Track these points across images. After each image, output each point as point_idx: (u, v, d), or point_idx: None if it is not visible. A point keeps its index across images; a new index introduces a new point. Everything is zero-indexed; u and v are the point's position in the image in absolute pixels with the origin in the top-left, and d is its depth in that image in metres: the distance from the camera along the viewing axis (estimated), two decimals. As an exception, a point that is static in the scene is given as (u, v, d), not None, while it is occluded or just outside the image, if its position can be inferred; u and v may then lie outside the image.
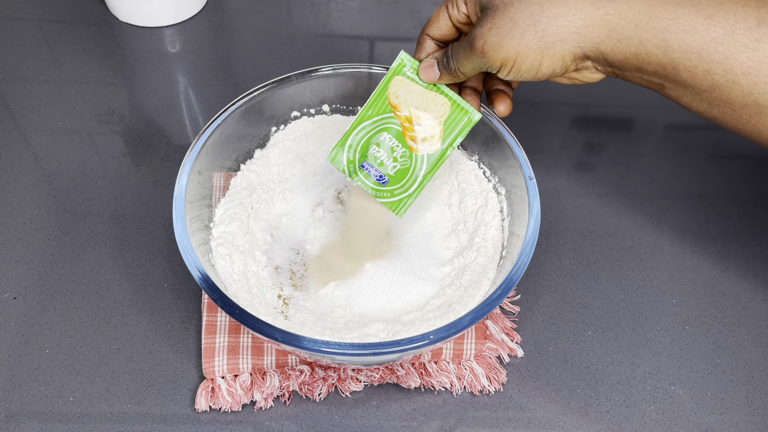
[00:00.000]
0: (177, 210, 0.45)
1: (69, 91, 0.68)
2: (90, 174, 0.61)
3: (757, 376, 0.51)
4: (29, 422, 0.47)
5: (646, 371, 0.51)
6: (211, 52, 0.72)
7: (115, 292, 0.54)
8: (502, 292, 0.42)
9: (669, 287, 0.56)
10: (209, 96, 0.68)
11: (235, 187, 0.53)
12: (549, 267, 0.57)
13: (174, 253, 0.56)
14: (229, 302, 0.41)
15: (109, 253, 0.56)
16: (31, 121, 0.65)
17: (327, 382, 0.48)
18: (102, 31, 0.74)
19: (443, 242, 0.53)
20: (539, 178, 0.48)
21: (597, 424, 0.48)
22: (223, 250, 0.48)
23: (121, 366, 0.50)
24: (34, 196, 0.59)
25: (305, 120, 0.56)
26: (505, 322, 0.52)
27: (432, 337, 0.40)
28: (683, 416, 0.49)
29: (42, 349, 0.50)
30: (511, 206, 0.50)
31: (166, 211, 0.59)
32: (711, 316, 0.54)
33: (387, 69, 0.54)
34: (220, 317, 0.50)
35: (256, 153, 0.55)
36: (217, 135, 0.50)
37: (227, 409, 0.48)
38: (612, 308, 0.54)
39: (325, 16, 0.77)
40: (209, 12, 0.76)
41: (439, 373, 0.49)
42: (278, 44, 0.74)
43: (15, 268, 0.55)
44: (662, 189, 0.63)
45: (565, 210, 0.60)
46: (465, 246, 0.51)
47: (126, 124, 0.65)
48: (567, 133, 0.67)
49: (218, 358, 0.48)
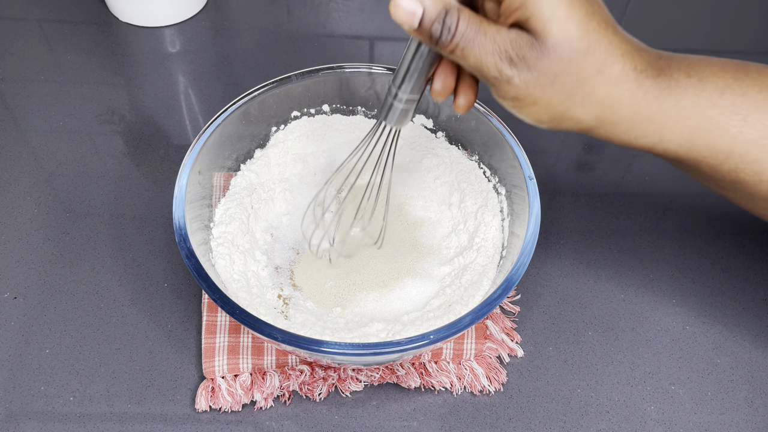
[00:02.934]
0: (177, 210, 0.45)
1: (69, 91, 0.68)
2: (90, 174, 0.61)
3: (757, 376, 0.51)
4: (29, 422, 0.47)
5: (646, 371, 0.51)
6: (211, 52, 0.72)
7: (115, 292, 0.54)
8: (502, 292, 0.42)
9: (669, 287, 0.56)
10: (209, 96, 0.68)
11: (235, 187, 0.53)
12: (549, 267, 0.57)
13: (174, 253, 0.56)
14: (229, 302, 0.41)
15: (109, 253, 0.56)
16: (31, 121, 0.65)
17: (327, 382, 0.48)
18: (102, 31, 0.74)
19: (443, 242, 0.53)
20: (539, 178, 0.48)
21: (597, 424, 0.48)
22: (223, 250, 0.48)
23: (121, 366, 0.50)
24: (34, 196, 0.59)
25: (305, 120, 0.56)
26: (505, 322, 0.52)
27: (432, 337, 0.40)
28: (683, 416, 0.49)
29: (42, 349, 0.50)
30: (511, 206, 0.50)
31: (166, 211, 0.59)
32: (711, 316, 0.54)
33: (388, 69, 0.54)
34: (220, 317, 0.50)
35: (256, 153, 0.55)
36: (217, 135, 0.50)
37: (227, 409, 0.48)
38: (612, 308, 0.54)
39: (325, 16, 0.77)
40: (209, 12, 0.76)
41: (439, 373, 0.49)
42: (278, 44, 0.74)
43: (15, 268, 0.55)
44: (662, 189, 0.63)
45: (565, 210, 0.60)
46: (465, 246, 0.51)
47: (126, 124, 0.65)
48: (567, 133, 0.67)
49: (218, 358, 0.48)
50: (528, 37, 0.34)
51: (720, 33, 0.78)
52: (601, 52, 0.34)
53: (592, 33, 0.34)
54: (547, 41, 0.33)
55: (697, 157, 0.37)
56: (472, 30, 0.34)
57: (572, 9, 0.33)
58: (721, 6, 0.80)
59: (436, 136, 0.56)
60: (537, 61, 0.34)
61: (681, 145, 0.36)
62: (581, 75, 0.34)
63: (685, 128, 0.36)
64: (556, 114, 0.36)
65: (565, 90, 0.34)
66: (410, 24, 0.34)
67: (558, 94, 0.35)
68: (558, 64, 0.34)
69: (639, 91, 0.35)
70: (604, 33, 0.34)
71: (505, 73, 0.34)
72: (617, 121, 0.36)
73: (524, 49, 0.34)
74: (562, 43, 0.33)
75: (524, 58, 0.34)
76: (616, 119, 0.36)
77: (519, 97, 0.35)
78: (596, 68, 0.34)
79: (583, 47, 0.34)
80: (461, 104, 0.40)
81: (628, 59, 0.35)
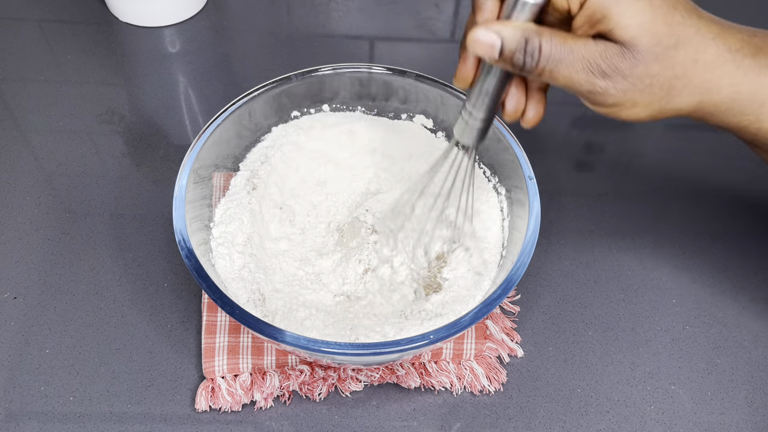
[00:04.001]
0: (177, 210, 0.45)
1: (69, 91, 0.68)
2: (90, 174, 0.61)
3: (757, 376, 0.51)
4: (29, 422, 0.47)
5: (646, 371, 0.51)
6: (211, 52, 0.72)
7: (115, 292, 0.54)
8: (502, 292, 0.42)
9: (669, 287, 0.56)
10: (209, 96, 0.68)
11: (235, 187, 0.53)
12: (549, 267, 0.57)
13: (174, 253, 0.56)
14: (229, 302, 0.41)
15: (109, 253, 0.56)
16: (31, 121, 0.65)
17: (327, 382, 0.48)
18: (102, 31, 0.74)
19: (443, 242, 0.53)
20: (539, 178, 0.48)
21: (597, 424, 0.48)
22: (223, 250, 0.48)
23: (121, 366, 0.50)
24: (34, 196, 0.59)
25: (305, 120, 0.56)
26: (505, 322, 0.52)
27: (432, 337, 0.40)
28: (683, 416, 0.49)
29: (42, 349, 0.50)
30: (511, 206, 0.50)
31: (166, 211, 0.58)
32: (711, 316, 0.54)
33: (388, 69, 0.54)
34: (220, 317, 0.50)
35: (257, 153, 0.55)
36: (217, 135, 0.50)
37: (227, 409, 0.48)
38: (612, 308, 0.54)
39: (325, 16, 0.77)
40: (209, 12, 0.76)
41: (439, 373, 0.49)
42: (278, 44, 0.74)
43: (15, 268, 0.55)
44: (662, 189, 0.63)
45: (565, 210, 0.60)
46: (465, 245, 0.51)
47: (126, 124, 0.65)
48: (567, 133, 0.67)
49: (218, 358, 0.48)
50: (616, 47, 0.34)
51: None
52: (691, 42, 0.34)
53: (677, 26, 0.34)
54: (638, 48, 0.33)
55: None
56: (557, 50, 0.34)
57: (654, 10, 0.33)
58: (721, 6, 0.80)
59: (436, 136, 0.56)
60: (632, 69, 0.34)
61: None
62: (677, 69, 0.34)
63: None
64: (656, 109, 0.36)
65: (665, 87, 0.34)
66: (491, 56, 0.34)
67: (658, 91, 0.35)
68: (653, 66, 0.34)
69: (738, 71, 0.35)
70: (690, 22, 0.34)
71: (599, 85, 0.34)
72: (717, 103, 0.35)
73: (615, 60, 0.34)
74: (652, 45, 0.33)
75: (617, 69, 0.34)
76: (717, 101, 0.35)
77: (617, 103, 0.35)
78: (691, 58, 0.34)
79: (674, 42, 0.33)
80: (530, 119, 0.39)
81: (720, 41, 0.34)
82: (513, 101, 0.39)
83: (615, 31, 0.33)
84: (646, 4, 0.33)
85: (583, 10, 0.34)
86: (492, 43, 0.34)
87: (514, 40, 0.34)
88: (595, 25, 0.34)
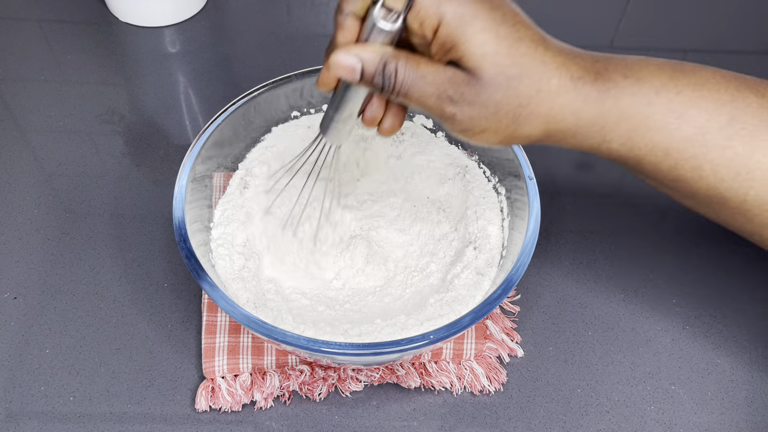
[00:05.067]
0: (177, 210, 0.45)
1: (69, 91, 0.68)
2: (90, 174, 0.61)
3: (757, 376, 0.51)
4: (29, 422, 0.47)
5: (646, 371, 0.51)
6: (211, 52, 0.72)
7: (115, 292, 0.54)
8: (502, 292, 0.42)
9: (669, 287, 0.56)
10: (209, 96, 0.68)
11: (231, 187, 0.53)
12: (549, 267, 0.57)
13: (174, 253, 0.56)
14: (229, 302, 0.41)
15: (109, 253, 0.56)
16: (31, 121, 0.65)
17: (327, 382, 0.48)
18: (102, 31, 0.74)
19: (443, 242, 0.53)
20: (539, 178, 0.48)
21: (597, 424, 0.48)
22: (223, 251, 0.48)
23: (121, 366, 0.50)
24: (34, 196, 0.59)
25: (305, 120, 0.56)
26: (505, 322, 0.52)
27: (432, 337, 0.40)
28: (683, 416, 0.49)
29: (42, 349, 0.50)
30: (511, 206, 0.50)
31: (166, 211, 0.59)
32: (711, 316, 0.54)
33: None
34: (220, 317, 0.50)
35: (256, 153, 0.55)
36: (217, 135, 0.50)
37: (227, 409, 0.48)
38: (612, 308, 0.54)
39: (325, 16, 0.77)
40: (209, 12, 0.76)
41: (439, 373, 0.49)
42: (278, 44, 0.74)
43: (15, 268, 0.55)
44: (662, 189, 0.63)
45: (565, 210, 0.60)
46: (465, 245, 0.51)
47: (126, 124, 0.65)
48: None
49: (218, 358, 0.48)
50: (464, 75, 0.35)
51: (720, 33, 0.78)
52: (535, 73, 0.35)
53: (522, 57, 0.35)
54: (482, 77, 0.35)
55: (638, 156, 0.38)
56: (410, 75, 0.36)
57: (499, 42, 0.35)
58: (721, 6, 0.80)
59: (436, 135, 0.56)
60: (476, 96, 0.35)
61: (622, 145, 0.37)
62: (521, 98, 0.35)
63: (625, 128, 0.37)
64: (505, 136, 0.37)
65: (510, 115, 0.36)
66: (352, 78, 0.36)
67: (504, 119, 0.36)
68: (496, 94, 0.35)
69: (579, 98, 0.36)
70: (534, 54, 0.35)
71: (447, 111, 0.36)
72: (563, 129, 0.37)
73: (462, 87, 0.35)
74: (496, 75, 0.35)
75: (463, 95, 0.35)
76: (562, 128, 0.37)
77: (466, 129, 0.37)
78: (534, 88, 0.35)
79: (517, 73, 0.35)
80: (386, 129, 0.41)
81: (564, 70, 0.36)
82: (371, 110, 0.40)
83: (463, 60, 0.35)
84: (492, 35, 0.34)
85: (436, 38, 0.35)
86: (353, 66, 0.36)
87: (374, 63, 0.36)
88: (447, 53, 0.35)
